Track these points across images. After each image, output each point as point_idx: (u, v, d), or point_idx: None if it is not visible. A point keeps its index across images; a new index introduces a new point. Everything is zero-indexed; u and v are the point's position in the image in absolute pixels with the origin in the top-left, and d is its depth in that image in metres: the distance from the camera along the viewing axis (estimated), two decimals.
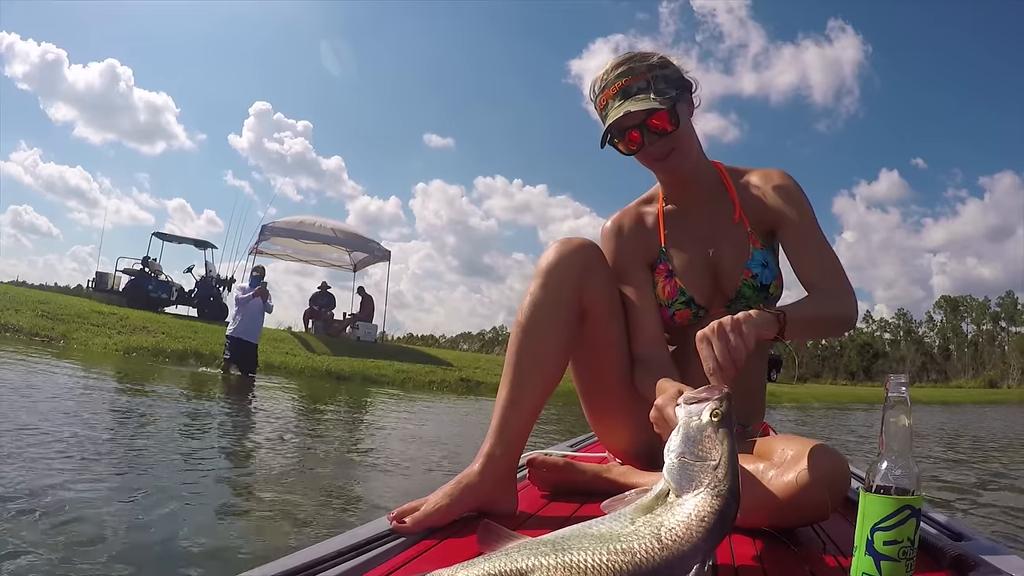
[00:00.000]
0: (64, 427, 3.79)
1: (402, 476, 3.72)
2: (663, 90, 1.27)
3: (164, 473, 3.06)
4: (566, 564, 0.75)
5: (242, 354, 9.35)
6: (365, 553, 0.96)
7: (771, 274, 1.37)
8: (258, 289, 9.36)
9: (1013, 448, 7.93)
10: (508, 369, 1.26)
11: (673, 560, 0.77)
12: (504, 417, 1.23)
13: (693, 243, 1.40)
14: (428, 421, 7.02)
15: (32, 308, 12.31)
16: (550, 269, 1.27)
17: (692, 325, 1.36)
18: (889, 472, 0.82)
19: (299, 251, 16.91)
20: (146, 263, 16.16)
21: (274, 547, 2.18)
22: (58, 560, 1.84)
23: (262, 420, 5.34)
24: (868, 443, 7.20)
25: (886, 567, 0.80)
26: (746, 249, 1.37)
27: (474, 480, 1.19)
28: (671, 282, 1.39)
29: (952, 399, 23.94)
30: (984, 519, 3.51)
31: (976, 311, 50.78)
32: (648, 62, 1.29)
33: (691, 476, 0.84)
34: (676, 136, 1.30)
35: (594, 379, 1.42)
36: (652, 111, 1.26)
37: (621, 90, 1.28)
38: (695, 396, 0.92)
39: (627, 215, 1.47)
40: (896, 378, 0.86)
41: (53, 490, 2.48)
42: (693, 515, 0.81)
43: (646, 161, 1.35)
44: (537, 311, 1.25)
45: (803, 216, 1.34)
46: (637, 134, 1.29)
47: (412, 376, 11.94)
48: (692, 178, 1.39)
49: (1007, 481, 5.10)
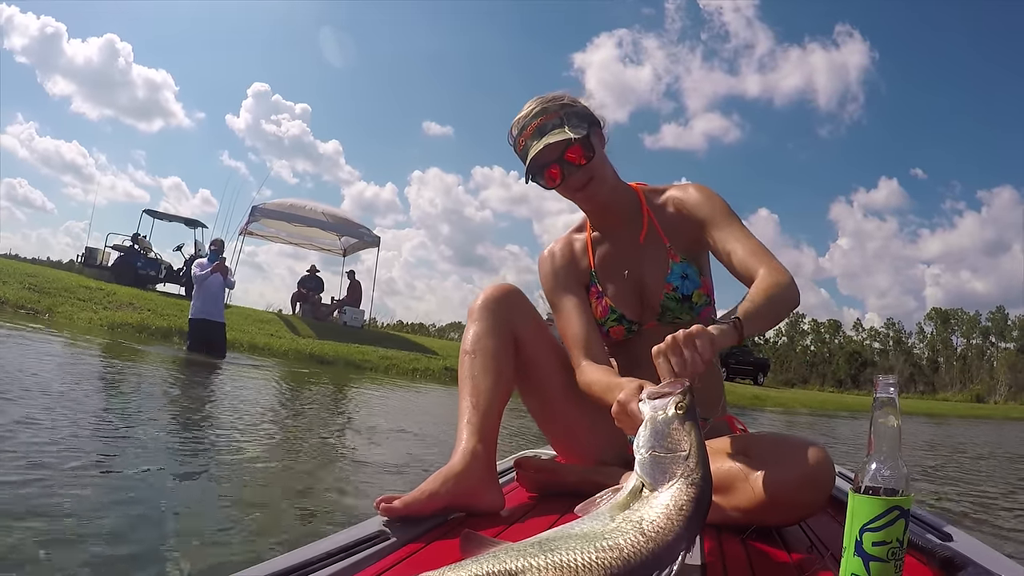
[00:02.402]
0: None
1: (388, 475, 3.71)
2: (576, 125, 1.37)
3: (129, 470, 2.94)
4: (555, 564, 0.76)
5: (208, 337, 8.64)
6: (354, 555, 0.96)
7: (692, 284, 1.44)
8: (217, 264, 8.62)
9: (1000, 455, 8.00)
10: (465, 385, 1.36)
11: (659, 551, 0.79)
12: (472, 420, 1.31)
13: (617, 264, 1.50)
14: (409, 412, 7.01)
15: (20, 280, 12.26)
16: (484, 306, 1.42)
17: (629, 339, 1.49)
18: (878, 473, 0.82)
19: (292, 234, 16.87)
20: (136, 240, 16.07)
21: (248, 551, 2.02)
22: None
23: (223, 408, 5.06)
24: (857, 452, 7.22)
25: (875, 568, 0.80)
26: (665, 264, 1.45)
27: (457, 472, 1.23)
28: (602, 302, 1.50)
29: (938, 411, 24.01)
30: (973, 520, 3.51)
31: (966, 325, 51.00)
32: (560, 102, 1.40)
33: (664, 468, 0.86)
34: (591, 166, 1.39)
35: (542, 403, 1.54)
36: (567, 142, 1.36)
37: (537, 129, 1.38)
38: (658, 391, 0.95)
39: (559, 244, 1.58)
40: (885, 379, 0.85)
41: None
42: (672, 505, 0.83)
43: (567, 193, 1.44)
44: (480, 339, 1.39)
45: (720, 215, 1.41)
46: (556, 170, 1.39)
47: (396, 363, 11.93)
48: (610, 204, 1.48)
49: (997, 483, 5.16)
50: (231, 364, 8.37)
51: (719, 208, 1.42)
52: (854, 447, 7.21)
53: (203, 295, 8.67)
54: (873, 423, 0.84)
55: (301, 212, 15.13)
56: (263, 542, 2.11)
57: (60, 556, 1.75)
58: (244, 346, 10.83)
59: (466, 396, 1.34)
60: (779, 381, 35.47)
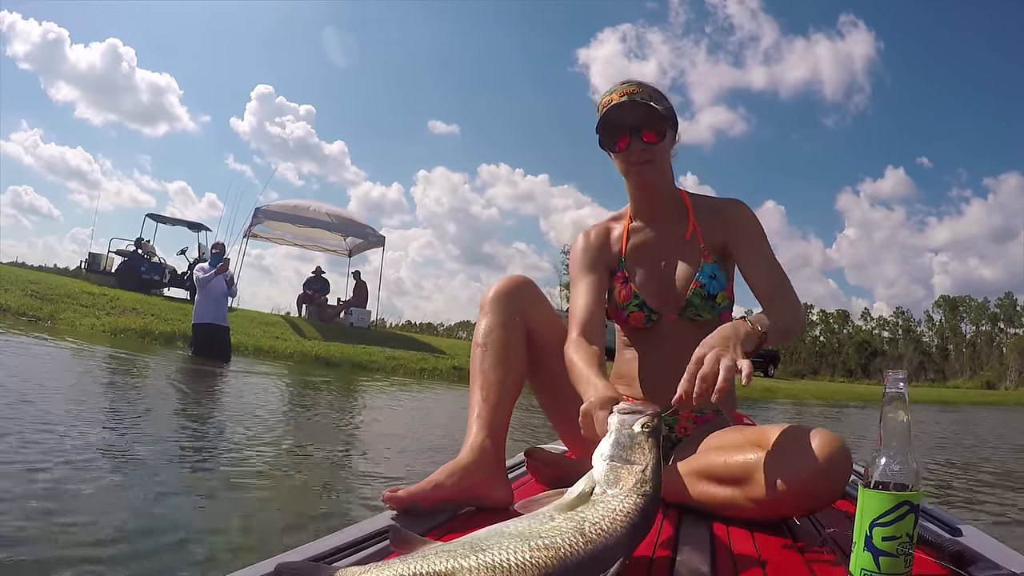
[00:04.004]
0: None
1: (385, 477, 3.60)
2: (661, 108, 1.44)
3: (139, 470, 2.90)
4: (487, 564, 0.73)
5: (212, 341, 8.51)
6: (363, 550, 0.96)
7: (719, 285, 1.50)
8: (220, 266, 8.46)
9: (1012, 446, 7.82)
10: (476, 378, 1.38)
11: (597, 553, 0.77)
12: (482, 414, 1.32)
13: (650, 255, 1.56)
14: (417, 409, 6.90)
15: (22, 288, 12.14)
16: (496, 298, 1.44)
17: (647, 328, 1.54)
18: (888, 468, 0.82)
19: (296, 236, 16.73)
20: (139, 244, 15.96)
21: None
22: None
23: (232, 412, 5.06)
24: (866, 443, 7.08)
25: (885, 562, 0.80)
26: (697, 262, 1.51)
27: (464, 464, 1.23)
28: (627, 287, 1.55)
29: (949, 399, 23.85)
30: (983, 515, 3.43)
31: (975, 312, 50.70)
32: (653, 88, 1.48)
33: (618, 477, 0.88)
34: (657, 148, 1.46)
35: (553, 396, 1.56)
36: (651, 113, 1.42)
37: (628, 95, 1.44)
38: (631, 408, 0.98)
39: (596, 227, 1.63)
40: (894, 374, 0.85)
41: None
42: (618, 510, 0.82)
43: (625, 164, 1.49)
44: (491, 331, 1.40)
45: (754, 236, 1.49)
46: (627, 136, 1.44)
47: (403, 363, 11.79)
48: (657, 195, 1.54)
49: (1006, 477, 5.01)
50: (235, 368, 8.24)
51: (755, 228, 1.51)
52: (858, 438, 7.03)
53: (206, 299, 8.54)
54: (883, 418, 0.85)
55: (305, 213, 14.97)
56: (275, 543, 2.11)
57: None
58: (249, 349, 10.70)
59: (476, 389, 1.36)
60: (789, 372, 35.27)
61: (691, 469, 1.27)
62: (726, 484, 1.20)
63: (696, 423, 1.49)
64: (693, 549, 1.03)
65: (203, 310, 8.53)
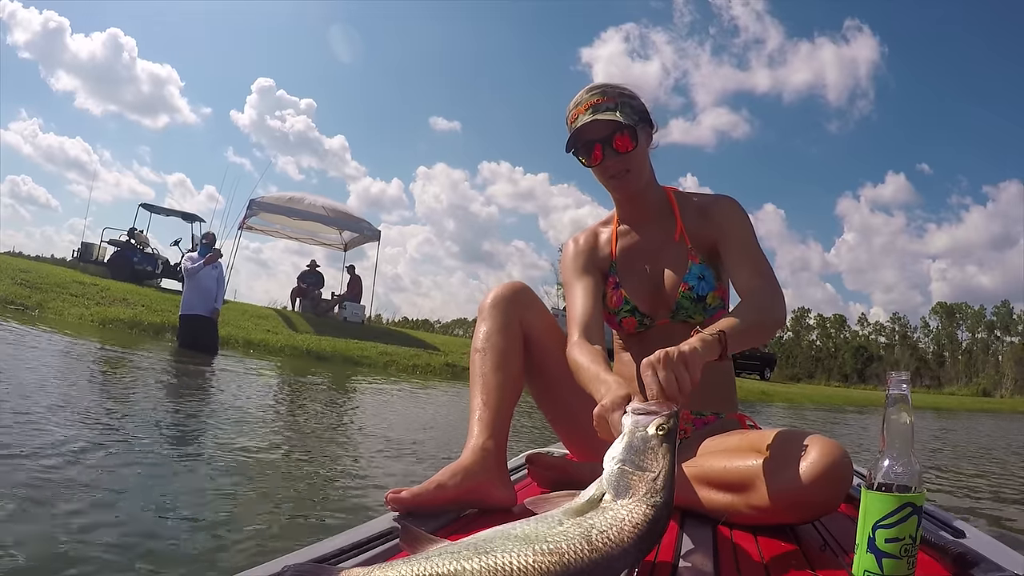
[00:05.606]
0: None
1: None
2: (629, 114, 1.41)
3: (130, 469, 2.77)
4: (490, 567, 0.73)
5: (198, 333, 8.30)
6: (367, 551, 0.96)
7: (708, 286, 1.48)
8: (209, 256, 8.26)
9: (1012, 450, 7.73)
10: (475, 382, 1.38)
11: (602, 562, 0.76)
12: (483, 416, 1.33)
13: (638, 259, 1.55)
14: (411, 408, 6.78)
15: (11, 276, 11.98)
16: (494, 304, 1.45)
17: (641, 333, 1.53)
18: (891, 469, 0.82)
19: (293, 229, 16.57)
20: (132, 235, 15.82)
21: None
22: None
23: (211, 408, 4.94)
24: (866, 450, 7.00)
25: (888, 564, 0.80)
26: (685, 264, 1.49)
27: (466, 466, 1.23)
28: (617, 292, 1.54)
29: (945, 405, 23.85)
30: (986, 516, 3.42)
31: (972, 319, 50.70)
32: (620, 90, 1.45)
33: (629, 484, 0.84)
34: (631, 157, 1.43)
35: (553, 401, 1.56)
36: (618, 126, 1.40)
37: (592, 107, 1.42)
38: (645, 408, 0.94)
39: (584, 232, 1.64)
40: (898, 375, 0.85)
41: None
42: (626, 520, 0.80)
43: (602, 176, 1.48)
44: (490, 337, 1.41)
45: (739, 230, 1.46)
46: (599, 150, 1.43)
47: (396, 359, 11.66)
48: (641, 199, 1.54)
49: (1008, 479, 4.98)
50: (223, 361, 8.08)
51: (741, 222, 1.47)
52: (856, 444, 6.96)
53: (193, 290, 8.37)
54: (886, 420, 0.84)
55: (299, 206, 14.79)
56: (273, 544, 2.03)
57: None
58: (239, 342, 10.57)
59: (477, 393, 1.37)
60: (785, 376, 35.24)
61: (691, 474, 1.26)
62: (726, 490, 1.19)
63: (696, 425, 1.47)
64: (696, 551, 1.04)
65: (190, 301, 8.35)
